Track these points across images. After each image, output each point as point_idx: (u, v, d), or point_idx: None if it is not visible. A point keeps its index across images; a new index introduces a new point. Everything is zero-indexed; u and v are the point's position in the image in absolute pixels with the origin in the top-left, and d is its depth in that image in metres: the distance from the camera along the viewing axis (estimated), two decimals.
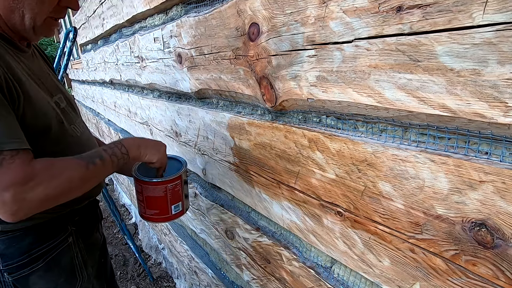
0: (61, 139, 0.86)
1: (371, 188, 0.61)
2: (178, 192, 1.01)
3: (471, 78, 0.42)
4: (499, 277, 0.45)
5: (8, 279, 0.87)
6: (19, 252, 0.86)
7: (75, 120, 0.96)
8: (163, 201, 0.99)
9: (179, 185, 1.01)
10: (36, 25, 0.78)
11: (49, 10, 0.78)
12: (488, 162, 0.44)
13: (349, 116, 0.63)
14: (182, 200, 1.04)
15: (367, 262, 0.66)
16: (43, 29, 0.81)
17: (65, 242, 0.94)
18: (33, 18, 0.77)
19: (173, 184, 0.99)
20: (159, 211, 1.00)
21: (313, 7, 0.60)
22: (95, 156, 0.78)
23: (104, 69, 2.52)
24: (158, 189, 0.97)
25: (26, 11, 0.75)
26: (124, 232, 2.43)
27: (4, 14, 0.76)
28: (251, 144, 0.93)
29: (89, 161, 0.76)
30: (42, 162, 0.69)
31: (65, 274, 0.95)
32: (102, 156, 0.79)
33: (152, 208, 1.00)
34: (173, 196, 1.00)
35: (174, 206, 1.02)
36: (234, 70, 0.90)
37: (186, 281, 1.95)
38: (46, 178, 0.67)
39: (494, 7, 0.38)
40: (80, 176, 0.74)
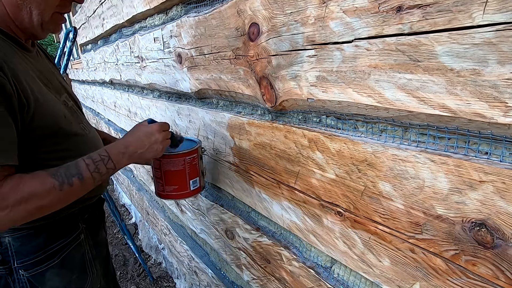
0: (70, 139, 0.87)
1: (371, 188, 0.61)
2: (195, 166, 1.03)
3: (471, 78, 0.42)
4: (499, 277, 0.45)
5: (23, 276, 0.88)
6: (34, 250, 0.87)
7: (82, 120, 0.97)
8: (182, 175, 1.00)
9: (196, 159, 1.02)
10: (44, 21, 0.79)
11: (55, 4, 0.79)
12: (488, 162, 0.44)
13: (349, 116, 0.63)
14: (199, 176, 1.05)
15: (367, 262, 0.66)
16: (50, 24, 0.82)
17: (78, 239, 0.96)
18: (41, 14, 0.78)
19: (191, 157, 1.00)
20: (178, 186, 1.01)
21: (313, 7, 0.60)
22: (73, 174, 0.74)
23: (104, 69, 2.52)
24: (176, 162, 0.98)
25: (33, 7, 0.76)
26: (124, 232, 2.43)
27: (12, 13, 0.76)
28: (251, 144, 0.93)
29: (64, 181, 0.72)
30: (11, 183, 0.67)
31: (77, 271, 0.97)
32: (82, 175, 0.75)
33: (171, 184, 1.01)
34: (191, 170, 1.01)
35: (192, 181, 1.03)
36: (234, 70, 0.90)
37: (186, 281, 1.95)
38: (12, 202, 0.66)
39: (494, 7, 0.38)
40: (52, 199, 0.71)
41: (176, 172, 0.99)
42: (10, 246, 0.85)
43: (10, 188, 0.66)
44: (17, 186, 0.67)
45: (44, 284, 0.90)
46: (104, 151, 0.81)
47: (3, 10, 0.76)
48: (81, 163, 0.77)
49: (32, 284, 0.89)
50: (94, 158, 0.79)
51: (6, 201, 0.65)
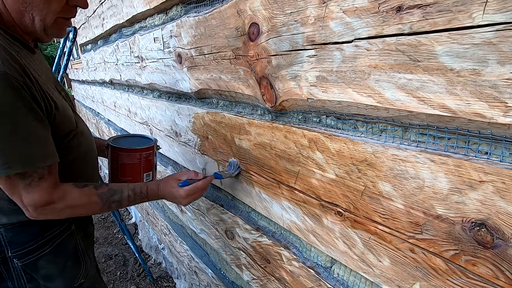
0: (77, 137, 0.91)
1: (371, 188, 0.61)
2: (150, 162, 1.11)
3: (471, 78, 0.42)
4: (499, 277, 0.45)
5: (17, 264, 0.91)
6: (27, 239, 0.91)
7: (79, 119, 0.99)
8: (136, 168, 1.09)
9: (151, 155, 1.11)
10: (46, 26, 0.80)
11: (57, 10, 0.79)
12: (488, 162, 0.44)
13: (349, 116, 0.63)
14: (153, 170, 1.14)
15: (367, 262, 0.66)
16: (54, 29, 0.82)
17: (69, 229, 1.00)
18: (43, 20, 0.78)
19: (148, 152, 1.09)
20: (132, 178, 1.09)
21: (313, 7, 0.60)
22: (115, 200, 0.88)
23: (104, 69, 2.52)
24: (133, 156, 1.07)
25: (35, 13, 0.77)
26: (124, 232, 2.43)
27: (16, 18, 0.77)
28: (251, 144, 0.93)
29: (106, 204, 0.87)
30: (62, 193, 0.82)
31: (71, 259, 1.01)
32: (121, 204, 0.90)
33: (125, 175, 1.09)
34: (146, 164, 1.10)
35: (145, 174, 1.12)
36: (234, 70, 0.90)
37: (186, 281, 1.95)
38: (60, 208, 0.82)
39: (494, 7, 0.38)
40: (91, 212, 0.90)
41: (131, 165, 1.08)
42: (3, 237, 0.89)
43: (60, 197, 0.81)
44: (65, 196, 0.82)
45: (38, 272, 0.94)
46: (146, 189, 0.94)
47: (9, 16, 0.77)
48: (125, 192, 0.90)
49: (26, 272, 0.93)
50: (137, 192, 0.92)
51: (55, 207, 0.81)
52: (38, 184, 0.77)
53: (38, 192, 0.77)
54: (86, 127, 1.03)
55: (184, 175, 0.98)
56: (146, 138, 1.22)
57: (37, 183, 0.77)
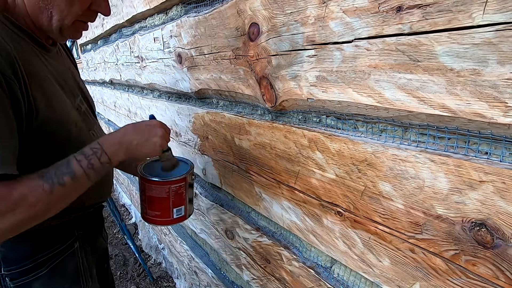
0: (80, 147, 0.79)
1: (371, 188, 0.61)
2: (181, 195, 0.96)
3: (471, 78, 0.42)
4: (499, 277, 0.45)
5: (9, 284, 0.82)
6: (23, 257, 0.81)
7: (94, 125, 0.92)
8: (165, 203, 0.94)
9: (183, 188, 0.96)
10: (63, 27, 0.76)
11: (78, 13, 0.75)
12: (488, 162, 0.44)
13: (349, 116, 0.63)
14: (185, 205, 0.99)
15: (367, 262, 0.66)
16: (70, 31, 0.78)
17: (71, 248, 0.91)
18: (61, 20, 0.74)
19: (177, 185, 0.94)
20: (160, 213, 0.96)
21: (313, 7, 0.60)
22: (64, 173, 0.67)
23: (104, 69, 2.52)
24: (160, 189, 0.92)
25: (55, 12, 0.73)
26: (124, 232, 2.43)
27: (32, 13, 0.73)
28: (251, 144, 0.93)
29: (54, 182, 0.66)
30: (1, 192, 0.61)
31: (69, 281, 0.91)
32: (74, 173, 0.68)
33: (153, 209, 0.96)
34: (176, 198, 0.95)
35: (176, 209, 0.96)
36: (234, 70, 0.90)
37: (186, 281, 1.95)
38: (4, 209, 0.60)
39: (494, 7, 0.38)
40: (42, 204, 0.64)
41: (159, 199, 0.94)
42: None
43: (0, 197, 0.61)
44: (6, 194, 0.61)
45: None
46: (97, 143, 0.74)
47: (24, 9, 0.73)
48: (72, 159, 0.70)
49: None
50: (86, 152, 0.72)
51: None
52: None
53: None
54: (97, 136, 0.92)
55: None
56: (182, 162, 1.05)
57: None
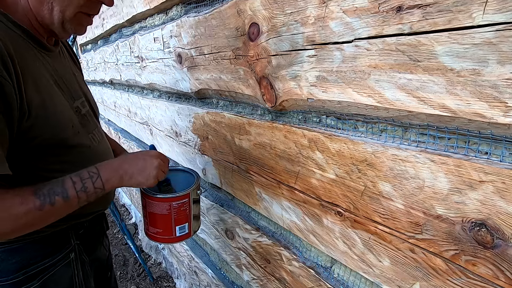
0: (74, 150, 0.80)
1: (371, 188, 0.61)
2: (185, 212, 0.90)
3: (471, 78, 0.42)
4: (499, 277, 0.45)
5: None
6: (15, 268, 0.77)
7: (93, 128, 0.90)
8: (166, 220, 0.89)
9: (186, 204, 0.90)
10: (65, 19, 0.72)
11: (80, 3, 0.72)
12: (488, 162, 0.44)
13: (349, 116, 0.63)
14: (189, 222, 0.93)
15: (367, 262, 0.66)
16: (73, 24, 0.75)
17: (66, 259, 0.86)
18: (63, 12, 0.71)
19: (179, 202, 0.88)
20: (162, 230, 0.91)
21: (313, 7, 0.60)
22: (57, 192, 0.68)
23: (104, 69, 2.52)
24: (161, 206, 0.88)
25: (56, 3, 0.70)
26: (124, 232, 2.43)
27: (34, 6, 0.71)
28: (251, 144, 0.93)
29: (46, 201, 0.66)
30: None
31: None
32: (67, 194, 0.69)
33: (154, 226, 0.91)
34: (178, 216, 0.89)
35: (179, 227, 0.91)
36: (234, 70, 0.90)
37: (186, 281, 1.95)
38: None
39: (494, 7, 0.38)
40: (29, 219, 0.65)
41: (160, 216, 0.89)
42: None
43: None
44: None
45: None
46: (95, 168, 0.74)
47: (26, 3, 0.71)
48: (68, 180, 0.71)
49: None
50: (83, 175, 0.72)
51: None
52: None
53: None
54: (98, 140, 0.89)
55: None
56: (188, 173, 1.01)
57: None
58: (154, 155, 0.82)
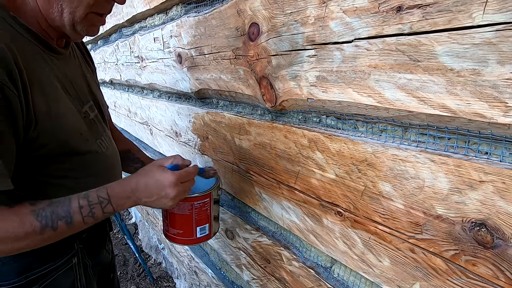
0: (82, 158, 0.78)
1: (371, 188, 0.61)
2: (206, 212, 0.89)
3: (471, 78, 0.42)
4: (499, 277, 0.45)
5: None
6: (16, 272, 0.76)
7: (102, 133, 0.87)
8: (187, 221, 0.88)
9: (207, 204, 0.89)
10: (75, 21, 0.69)
11: (90, 3, 0.68)
12: (488, 162, 0.44)
13: (349, 116, 0.63)
14: (210, 222, 0.92)
15: (367, 262, 0.66)
16: (84, 25, 0.71)
17: (69, 263, 0.84)
18: (73, 13, 0.68)
19: (201, 202, 0.87)
20: (183, 231, 0.89)
21: (313, 7, 0.60)
22: (61, 217, 0.65)
23: (104, 69, 2.52)
24: (182, 206, 0.86)
25: (65, 4, 0.67)
26: (124, 232, 2.43)
27: (43, 8, 0.68)
28: (251, 144, 0.93)
29: (48, 225, 0.64)
30: None
31: None
32: (71, 219, 0.66)
33: (175, 227, 0.90)
34: (199, 216, 0.88)
35: (199, 228, 0.89)
36: (234, 70, 0.90)
37: (186, 281, 1.95)
38: None
39: (494, 7, 0.38)
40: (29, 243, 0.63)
41: (181, 216, 0.87)
42: None
43: None
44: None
45: None
46: (106, 193, 0.70)
47: (35, 4, 0.68)
48: (74, 203, 0.67)
49: None
50: (91, 200, 0.68)
51: None
52: None
53: None
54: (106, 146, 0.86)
55: (168, 160, 0.77)
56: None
57: None
58: (170, 184, 0.73)
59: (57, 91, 0.72)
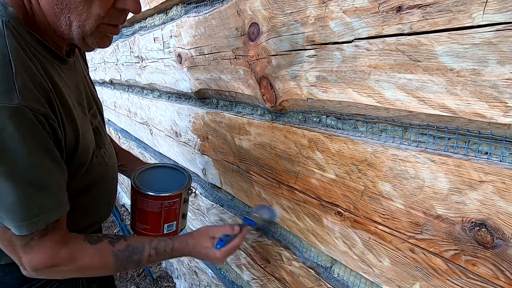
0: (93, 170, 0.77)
1: (371, 188, 0.61)
2: (174, 211, 0.92)
3: (471, 78, 0.42)
4: (499, 277, 0.45)
5: None
6: (19, 281, 0.75)
7: (104, 141, 0.85)
8: (156, 218, 0.90)
9: (177, 203, 0.92)
10: (85, 34, 0.64)
11: (100, 14, 0.61)
12: (488, 162, 0.44)
13: (349, 116, 0.63)
14: (178, 220, 0.95)
15: (367, 262, 0.66)
16: (95, 37, 0.65)
17: None
18: (82, 27, 0.62)
19: (171, 201, 0.90)
20: (150, 227, 0.92)
21: (313, 7, 0.60)
22: (133, 261, 0.73)
23: (104, 69, 2.52)
24: (152, 204, 0.89)
25: (73, 17, 0.61)
26: (124, 232, 2.43)
27: (51, 21, 0.63)
28: (251, 144, 0.93)
29: (122, 265, 0.72)
30: (70, 252, 0.66)
31: None
32: (140, 263, 0.74)
33: (143, 222, 0.92)
34: (168, 214, 0.91)
35: (167, 225, 0.93)
36: (234, 70, 0.90)
37: (186, 281, 1.95)
38: (64, 270, 0.67)
39: (494, 7, 0.38)
40: (101, 274, 0.76)
41: (150, 213, 0.90)
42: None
43: (67, 257, 0.66)
44: (75, 257, 0.67)
45: None
46: (170, 248, 0.78)
47: (43, 17, 0.62)
48: (146, 251, 0.75)
49: None
50: (159, 250, 0.76)
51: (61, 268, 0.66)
52: (39, 243, 0.62)
53: (40, 252, 0.62)
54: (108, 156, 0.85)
55: (218, 231, 0.83)
56: (181, 173, 1.01)
57: (39, 242, 0.62)
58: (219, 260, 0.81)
59: (75, 109, 0.70)
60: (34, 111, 0.55)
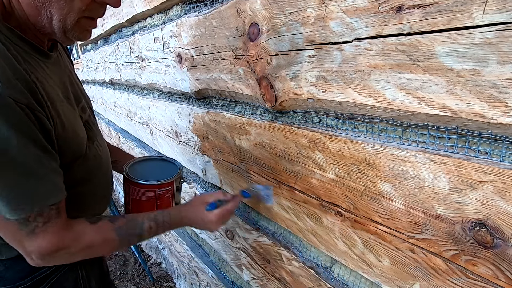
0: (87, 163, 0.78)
1: (371, 188, 0.61)
2: (168, 199, 0.93)
3: (471, 78, 0.42)
4: (499, 277, 0.45)
5: None
6: (20, 275, 0.77)
7: (96, 135, 0.86)
8: (150, 207, 0.91)
9: (170, 192, 0.93)
10: (67, 28, 0.64)
11: (81, 8, 0.63)
12: (488, 162, 0.44)
13: (349, 116, 0.63)
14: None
15: (367, 262, 0.66)
16: (76, 31, 0.66)
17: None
18: (63, 20, 0.63)
19: (164, 189, 0.91)
20: None
21: (313, 7, 0.60)
22: (135, 234, 0.77)
23: (104, 69, 2.52)
24: (146, 193, 0.90)
25: (54, 11, 0.61)
26: None
27: (31, 16, 0.62)
28: (251, 144, 0.93)
29: (125, 240, 0.76)
30: (75, 233, 0.69)
31: None
32: (141, 237, 0.79)
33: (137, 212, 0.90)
34: (161, 202, 0.92)
35: None
36: (234, 70, 0.90)
37: (186, 281, 1.95)
38: (73, 252, 0.70)
39: (494, 7, 0.38)
40: (108, 251, 0.77)
41: (143, 202, 0.91)
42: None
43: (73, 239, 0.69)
44: (79, 237, 0.70)
45: None
46: (168, 217, 0.82)
47: (22, 12, 0.63)
48: (146, 224, 0.78)
49: None
50: (158, 221, 0.80)
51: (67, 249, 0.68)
52: (44, 230, 0.64)
53: (46, 238, 0.64)
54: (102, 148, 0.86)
55: (210, 197, 0.88)
56: (171, 163, 1.03)
57: (43, 228, 0.64)
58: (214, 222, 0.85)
59: (63, 102, 0.71)
60: (16, 100, 0.56)
